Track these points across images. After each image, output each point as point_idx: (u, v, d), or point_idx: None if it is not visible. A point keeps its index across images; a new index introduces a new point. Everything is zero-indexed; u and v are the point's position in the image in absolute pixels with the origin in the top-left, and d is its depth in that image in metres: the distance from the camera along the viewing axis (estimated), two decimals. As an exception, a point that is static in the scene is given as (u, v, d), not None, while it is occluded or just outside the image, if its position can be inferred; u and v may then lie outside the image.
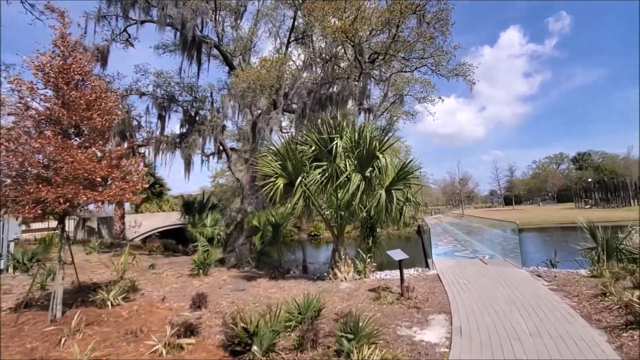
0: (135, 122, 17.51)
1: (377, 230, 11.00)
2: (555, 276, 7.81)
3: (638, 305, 4.27)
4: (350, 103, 16.02)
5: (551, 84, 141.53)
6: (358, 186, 8.32)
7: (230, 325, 4.60)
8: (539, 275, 7.99)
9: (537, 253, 17.46)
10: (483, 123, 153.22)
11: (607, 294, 5.59)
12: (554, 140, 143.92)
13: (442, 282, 7.87)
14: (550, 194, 75.66)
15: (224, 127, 16.16)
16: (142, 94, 16.88)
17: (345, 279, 8.98)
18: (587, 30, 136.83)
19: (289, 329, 4.75)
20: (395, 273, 9.93)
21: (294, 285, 8.79)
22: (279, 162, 8.68)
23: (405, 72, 14.15)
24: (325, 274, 9.61)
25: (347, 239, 10.97)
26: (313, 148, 8.96)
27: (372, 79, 14.00)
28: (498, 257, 11.02)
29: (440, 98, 16.00)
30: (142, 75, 16.98)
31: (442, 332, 4.80)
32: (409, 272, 9.70)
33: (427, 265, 10.37)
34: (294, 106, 13.09)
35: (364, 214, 10.74)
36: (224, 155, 18.73)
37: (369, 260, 9.59)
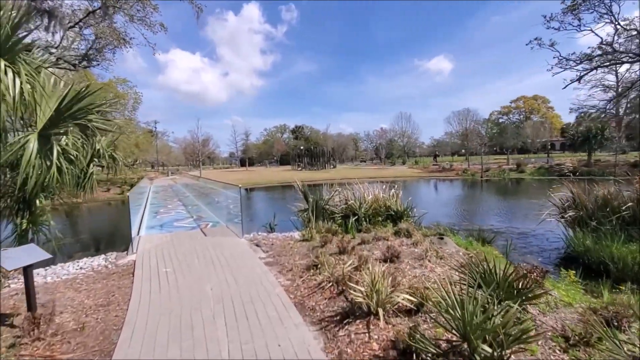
0: None
1: (39, 201, 6.78)
2: (273, 244, 7.15)
3: (353, 291, 3.53)
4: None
5: (281, 66, 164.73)
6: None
7: None
8: (257, 245, 7.08)
9: (261, 212, 18.47)
10: (226, 88, 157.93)
11: (319, 265, 5.02)
12: (281, 113, 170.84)
13: (134, 275, 5.33)
14: (275, 158, 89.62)
15: None
16: None
17: None
18: (307, 29, 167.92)
19: None
20: (80, 266, 6.43)
21: None
22: None
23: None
24: None
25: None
26: None
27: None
28: (222, 223, 9.74)
29: (162, 25, 12.45)
30: None
31: None
32: (92, 263, 6.47)
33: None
34: None
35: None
36: None
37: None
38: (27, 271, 3.43)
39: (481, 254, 5.05)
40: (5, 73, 3.97)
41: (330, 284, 4.27)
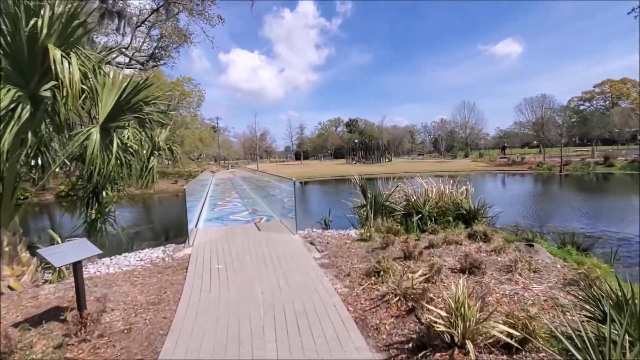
0: None
1: (105, 193, 7.06)
2: (328, 243, 6.62)
3: (429, 314, 2.80)
4: None
5: (335, 59, 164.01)
6: (18, 114, 4.10)
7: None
8: (312, 243, 6.62)
9: (315, 206, 18.19)
10: (282, 84, 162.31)
11: (382, 272, 4.35)
12: (335, 107, 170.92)
13: (187, 271, 5.18)
14: (329, 151, 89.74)
15: None
16: None
17: (10, 288, 4.83)
18: (361, 20, 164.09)
19: None
20: (141, 257, 6.58)
21: None
22: None
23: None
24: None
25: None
26: None
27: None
28: (276, 218, 9.51)
29: (220, 17, 12.58)
30: None
31: None
32: (151, 255, 6.55)
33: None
34: None
35: (72, 168, 6.61)
36: None
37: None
38: (76, 267, 3.30)
39: (592, 268, 3.95)
40: (62, 63, 3.90)
41: (397, 298, 3.58)
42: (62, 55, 3.92)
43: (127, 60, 17.28)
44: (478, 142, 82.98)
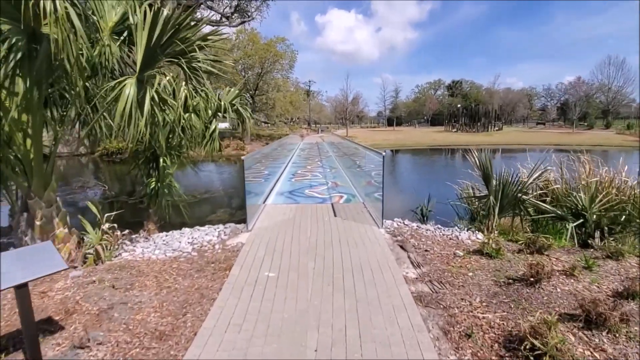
0: None
1: (163, 160, 6.16)
2: (427, 250, 4.56)
3: None
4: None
5: (440, 12, 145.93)
6: (3, 53, 3.02)
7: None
8: (402, 247, 4.65)
9: (407, 182, 15.79)
10: (378, 45, 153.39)
11: (545, 358, 2.21)
12: (435, 68, 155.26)
13: (229, 275, 3.83)
14: (425, 117, 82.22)
15: None
16: None
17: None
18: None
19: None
20: (193, 238, 5.63)
21: None
22: None
23: None
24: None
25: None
26: None
27: None
28: (358, 198, 7.70)
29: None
30: None
31: None
32: (204, 238, 5.45)
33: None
34: None
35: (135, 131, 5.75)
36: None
37: (111, 223, 4.80)
38: (20, 294, 2.05)
39: None
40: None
41: None
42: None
43: (219, 17, 16.73)
44: (621, 109, 65.39)
